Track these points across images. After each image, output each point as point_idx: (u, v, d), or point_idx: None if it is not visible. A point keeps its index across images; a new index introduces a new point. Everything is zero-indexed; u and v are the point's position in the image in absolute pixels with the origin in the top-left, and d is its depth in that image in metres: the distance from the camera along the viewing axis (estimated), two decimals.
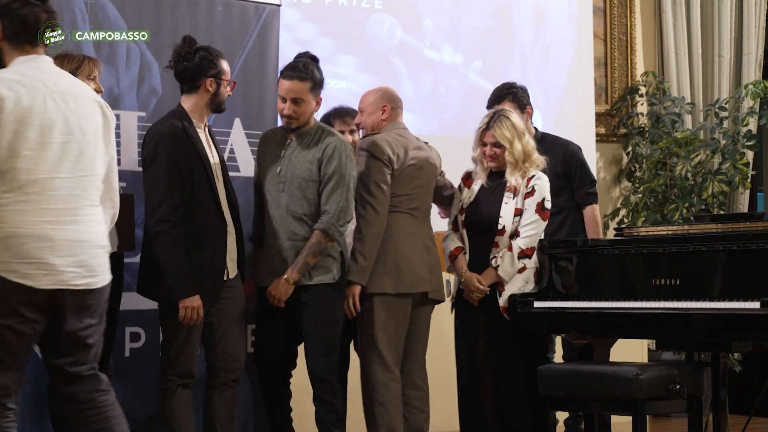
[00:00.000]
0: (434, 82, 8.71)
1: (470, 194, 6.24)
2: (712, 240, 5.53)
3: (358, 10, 8.52)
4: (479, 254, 6.13)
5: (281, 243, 6.02)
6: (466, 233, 6.20)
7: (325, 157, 5.97)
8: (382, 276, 6.12)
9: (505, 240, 6.05)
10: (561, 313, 5.92)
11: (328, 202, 5.93)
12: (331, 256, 6.01)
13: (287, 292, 5.95)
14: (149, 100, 6.36)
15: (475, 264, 6.12)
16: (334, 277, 6.00)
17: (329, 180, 5.94)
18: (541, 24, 9.15)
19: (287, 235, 5.99)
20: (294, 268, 5.92)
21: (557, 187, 6.74)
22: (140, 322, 6.17)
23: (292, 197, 5.99)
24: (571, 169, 6.87)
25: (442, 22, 8.79)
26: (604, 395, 5.48)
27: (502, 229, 6.05)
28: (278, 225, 6.02)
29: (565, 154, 6.90)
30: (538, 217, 6.07)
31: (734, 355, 8.71)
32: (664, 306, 5.51)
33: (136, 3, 6.36)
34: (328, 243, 5.94)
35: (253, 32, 6.67)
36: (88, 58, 5.81)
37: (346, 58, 8.47)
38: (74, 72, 5.66)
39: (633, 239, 5.91)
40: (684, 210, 8.95)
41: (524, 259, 6.03)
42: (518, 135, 6.13)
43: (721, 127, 9.32)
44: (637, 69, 9.60)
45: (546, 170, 6.27)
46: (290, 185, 6.00)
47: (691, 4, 9.62)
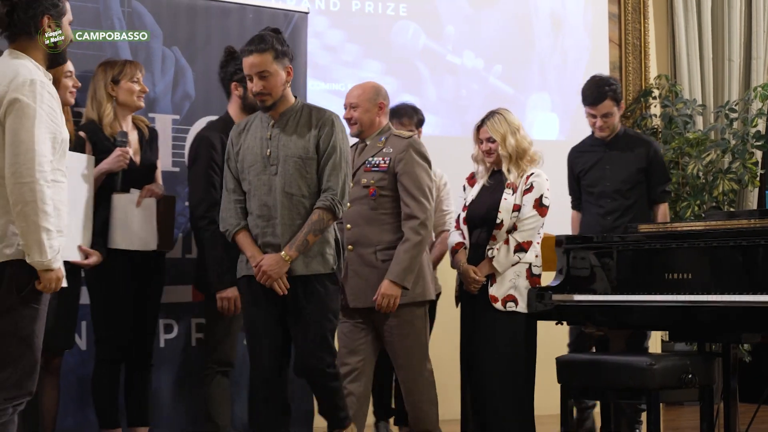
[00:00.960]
0: (456, 86, 8.69)
1: (473, 193, 6.19)
2: (722, 236, 5.48)
3: (383, 17, 8.51)
4: (479, 248, 6.06)
5: (276, 229, 5.35)
6: (467, 229, 6.14)
7: (323, 133, 5.39)
8: (429, 283, 6.04)
9: (502, 234, 5.98)
10: (578, 305, 5.87)
11: (331, 179, 5.36)
12: (328, 242, 5.42)
13: (281, 270, 5.28)
14: (183, 103, 6.38)
15: (475, 258, 6.05)
16: (332, 267, 5.42)
17: (330, 156, 5.38)
18: (559, 30, 9.12)
19: (285, 219, 5.33)
20: (292, 245, 5.28)
21: (636, 180, 6.78)
22: (173, 314, 6.19)
23: (288, 178, 5.33)
24: (652, 166, 6.83)
25: (464, 28, 8.78)
26: (619, 384, 5.45)
27: (500, 223, 5.98)
28: (270, 210, 5.35)
29: (649, 151, 6.85)
30: (536, 212, 5.99)
31: (744, 346, 8.71)
32: (676, 299, 5.46)
33: (171, 11, 6.37)
34: (330, 222, 5.36)
35: None
36: (129, 62, 5.85)
37: (372, 62, 8.46)
38: (117, 77, 5.68)
39: (647, 235, 5.84)
40: (695, 207, 9.00)
41: (520, 252, 5.95)
42: (512, 130, 6.05)
43: (731, 128, 9.32)
44: (651, 73, 9.57)
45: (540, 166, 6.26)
46: (285, 166, 5.34)
47: (702, 11, 9.60)
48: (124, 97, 5.73)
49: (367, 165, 5.94)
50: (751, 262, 5.33)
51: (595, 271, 5.92)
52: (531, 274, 6.00)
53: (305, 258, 5.32)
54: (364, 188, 5.91)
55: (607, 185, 6.77)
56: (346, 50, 8.41)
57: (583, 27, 9.21)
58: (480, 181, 6.19)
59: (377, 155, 5.94)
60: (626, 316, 5.75)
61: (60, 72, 5.34)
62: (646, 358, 5.37)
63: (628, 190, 6.75)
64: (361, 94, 6.05)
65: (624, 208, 6.73)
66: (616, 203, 6.74)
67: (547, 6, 9.09)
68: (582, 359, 5.69)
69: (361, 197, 5.90)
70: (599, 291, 5.85)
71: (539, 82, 9.10)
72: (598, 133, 6.87)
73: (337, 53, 8.39)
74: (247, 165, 5.43)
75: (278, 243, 5.32)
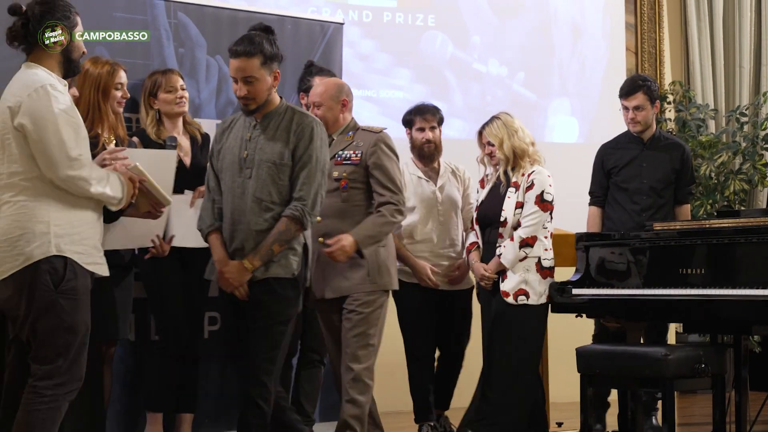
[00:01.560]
0: (482, 92, 8.69)
1: (483, 194, 6.20)
2: (733, 233, 5.47)
3: (413, 27, 8.52)
4: (491, 247, 6.06)
5: (243, 235, 4.99)
6: (479, 228, 6.16)
7: (300, 140, 4.96)
8: (392, 273, 5.72)
9: (507, 231, 5.98)
10: (597, 299, 5.87)
11: (303, 188, 4.94)
12: (293, 248, 5.00)
13: (241, 277, 4.92)
14: (226, 109, 6.39)
15: (489, 256, 6.07)
16: (293, 272, 4.97)
17: (305, 165, 4.96)
18: (578, 39, 9.11)
19: (251, 225, 4.96)
20: (256, 254, 4.90)
21: (669, 180, 6.72)
22: (216, 308, 6.17)
23: (260, 183, 4.96)
24: (684, 167, 6.78)
25: (489, 38, 8.77)
26: (635, 374, 5.43)
27: (504, 221, 5.99)
28: (239, 215, 4.98)
29: (683, 154, 6.80)
30: (538, 208, 5.96)
31: (754, 337, 8.66)
32: (690, 293, 5.45)
33: (214, 22, 6.39)
34: (297, 232, 4.94)
35: (318, 48, 6.66)
36: (163, 73, 5.83)
37: (402, 70, 8.47)
38: (154, 90, 5.74)
39: (662, 233, 5.85)
40: (708, 206, 8.95)
41: (526, 248, 5.93)
42: (509, 133, 6.05)
43: (742, 131, 9.28)
44: (666, 79, 9.54)
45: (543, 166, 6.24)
46: (258, 170, 4.97)
47: (714, 20, 9.57)
48: (163, 107, 5.76)
49: (337, 158, 5.56)
50: (761, 259, 5.34)
51: (612, 267, 5.92)
52: (541, 267, 5.98)
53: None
54: (336, 181, 5.49)
55: (643, 182, 6.69)
56: (378, 59, 8.42)
57: (601, 36, 9.20)
58: (491, 181, 6.19)
59: (347, 148, 5.61)
60: (642, 309, 5.76)
61: (111, 83, 5.39)
62: (661, 349, 5.36)
63: (663, 189, 6.70)
64: (323, 93, 5.66)
65: (658, 206, 6.67)
66: (651, 200, 6.67)
67: (568, 16, 9.09)
68: (600, 350, 5.68)
69: (331, 190, 5.43)
70: (617, 285, 5.85)
71: (559, 88, 9.10)
72: (631, 126, 6.81)
73: (370, 62, 8.41)
74: (225, 166, 5.09)
75: (242, 249, 4.97)
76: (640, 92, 6.74)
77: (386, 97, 8.38)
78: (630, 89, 6.78)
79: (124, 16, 6.10)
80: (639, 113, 6.73)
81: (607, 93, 9.13)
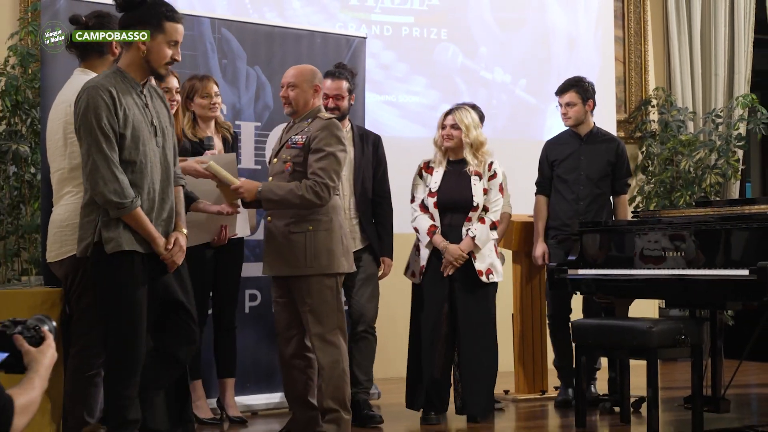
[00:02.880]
0: (488, 97, 8.68)
1: (435, 180, 5.97)
2: (710, 221, 5.45)
3: (427, 40, 8.52)
4: (453, 229, 5.92)
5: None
6: (438, 213, 5.95)
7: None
8: (342, 257, 5.12)
9: (477, 215, 5.91)
10: (590, 279, 5.87)
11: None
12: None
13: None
14: (263, 113, 6.41)
15: (452, 238, 5.90)
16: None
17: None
18: (573, 50, 9.09)
19: None
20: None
21: (605, 172, 6.59)
22: (257, 286, 6.20)
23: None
24: (619, 161, 6.65)
25: (495, 49, 8.76)
26: (624, 344, 5.42)
27: (476, 206, 5.89)
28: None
29: (618, 148, 6.66)
30: (500, 195, 5.99)
31: (728, 312, 8.62)
32: (672, 273, 5.44)
33: (253, 37, 6.41)
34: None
35: (345, 59, 6.66)
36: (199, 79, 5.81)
37: (418, 78, 8.46)
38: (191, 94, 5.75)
39: (647, 220, 5.84)
40: (687, 197, 8.97)
41: (493, 230, 5.93)
42: (474, 124, 5.97)
43: (717, 131, 9.32)
44: (650, 85, 9.52)
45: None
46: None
47: (693, 33, 9.56)
48: (198, 110, 5.75)
49: (289, 142, 5.14)
50: (734, 243, 5.32)
51: (603, 251, 5.91)
52: (497, 248, 6.01)
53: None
54: (283, 163, 5.11)
55: (581, 174, 6.56)
56: (397, 68, 8.41)
57: (593, 48, 9.17)
58: (438, 169, 6.00)
59: (300, 133, 5.12)
60: (629, 288, 5.75)
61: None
62: (646, 322, 5.34)
63: (599, 180, 6.55)
64: (299, 75, 5.19)
65: (594, 195, 6.53)
66: (588, 190, 6.53)
67: (564, 30, 9.06)
68: (593, 323, 5.67)
69: (279, 172, 5.12)
70: (607, 266, 5.84)
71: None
72: (564, 121, 6.68)
73: (390, 70, 8.41)
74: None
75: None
76: (572, 90, 6.63)
77: (404, 102, 8.38)
78: (562, 87, 6.68)
79: None
80: (570, 109, 6.62)
81: (598, 97, 9.07)
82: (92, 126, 4.06)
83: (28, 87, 6.97)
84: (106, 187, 4.05)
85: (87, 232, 4.14)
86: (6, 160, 6.89)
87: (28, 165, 6.96)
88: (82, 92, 4.13)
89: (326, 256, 5.03)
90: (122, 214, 4.09)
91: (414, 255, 6.05)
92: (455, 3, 8.64)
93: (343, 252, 5.11)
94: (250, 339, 6.22)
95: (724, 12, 9.62)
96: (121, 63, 4.26)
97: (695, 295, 5.57)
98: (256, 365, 6.25)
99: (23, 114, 6.99)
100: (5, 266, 7.05)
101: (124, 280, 4.13)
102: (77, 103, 4.13)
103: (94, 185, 4.06)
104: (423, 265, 5.94)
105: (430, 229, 5.91)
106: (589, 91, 6.67)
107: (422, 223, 5.94)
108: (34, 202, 6.95)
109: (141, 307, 4.16)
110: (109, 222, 4.10)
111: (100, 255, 4.11)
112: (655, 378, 5.26)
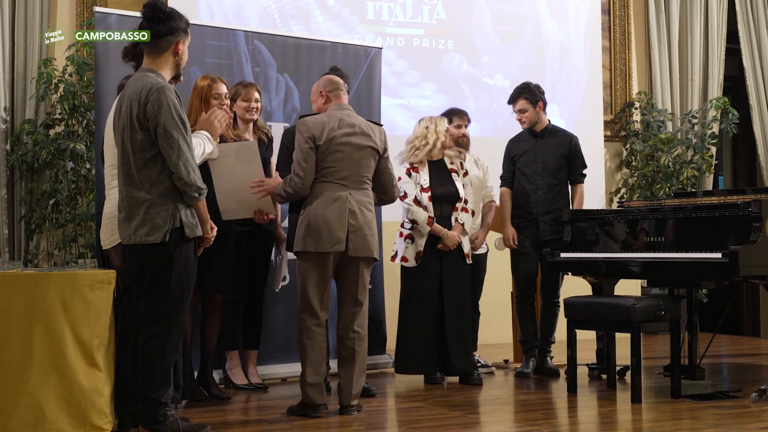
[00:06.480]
0: (490, 101, 8.67)
1: (425, 177, 6.03)
2: (687, 209, 5.45)
3: (436, 50, 8.51)
4: (443, 218, 6.01)
5: None
6: (432, 205, 5.99)
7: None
8: (305, 237, 4.96)
9: (461, 206, 6.05)
10: (580, 261, 5.86)
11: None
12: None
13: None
14: (291, 115, 6.41)
15: (443, 226, 5.99)
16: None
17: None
18: (565, 58, 9.06)
19: None
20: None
21: (560, 164, 6.47)
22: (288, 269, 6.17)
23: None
24: (573, 154, 6.52)
25: (496, 58, 8.74)
26: (610, 319, 5.41)
27: (464, 199, 6.07)
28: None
29: (571, 143, 6.52)
30: (471, 189, 6.21)
31: (703, 290, 8.64)
32: (653, 256, 5.44)
33: (282, 48, 6.40)
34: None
35: (363, 67, 6.66)
36: (244, 85, 5.80)
37: (428, 84, 8.45)
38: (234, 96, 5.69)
39: (631, 209, 5.83)
40: (666, 189, 8.96)
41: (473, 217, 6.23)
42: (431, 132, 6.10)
43: (693, 130, 9.30)
44: (633, 89, 9.48)
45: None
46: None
47: (671, 43, 9.54)
48: (239, 112, 5.72)
49: None
50: (707, 229, 5.32)
51: (592, 236, 5.91)
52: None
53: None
54: None
55: (538, 166, 6.46)
56: (409, 75, 8.41)
57: (583, 56, 9.15)
58: (423, 168, 6.05)
59: None
60: (615, 269, 5.73)
61: (209, 94, 5.30)
62: (630, 300, 5.34)
63: (555, 171, 6.43)
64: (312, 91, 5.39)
65: (550, 185, 6.41)
66: (545, 181, 6.42)
67: (557, 41, 9.04)
68: (583, 300, 5.66)
69: None
70: (595, 250, 5.84)
71: (550, 97, 8.88)
72: (521, 125, 6.58)
73: (403, 77, 8.40)
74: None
75: None
76: (521, 98, 6.52)
77: (416, 104, 8.37)
78: (513, 97, 6.59)
79: (213, 43, 6.14)
80: (523, 115, 6.53)
81: (587, 100, 9.11)
82: (177, 120, 4.09)
83: (84, 92, 7.02)
84: (195, 174, 4.12)
85: (164, 220, 4.10)
86: (65, 156, 6.94)
87: (84, 161, 7.01)
88: (156, 90, 4.09)
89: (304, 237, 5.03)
90: (200, 200, 4.17)
91: (407, 243, 6.04)
92: (461, 17, 8.62)
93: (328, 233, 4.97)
94: (279, 314, 6.22)
95: (700, 24, 9.59)
96: (154, 65, 4.24)
97: (674, 276, 5.57)
98: (282, 339, 6.25)
99: (79, 116, 7.06)
100: (64, 250, 7.10)
101: (195, 261, 4.24)
102: (154, 101, 4.08)
103: (185, 174, 4.08)
104: (420, 251, 5.99)
105: (430, 219, 5.99)
106: (537, 94, 6.54)
107: (420, 215, 5.97)
108: (89, 194, 6.99)
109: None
110: (188, 210, 4.15)
111: (181, 238, 4.14)
112: (638, 349, 5.26)
